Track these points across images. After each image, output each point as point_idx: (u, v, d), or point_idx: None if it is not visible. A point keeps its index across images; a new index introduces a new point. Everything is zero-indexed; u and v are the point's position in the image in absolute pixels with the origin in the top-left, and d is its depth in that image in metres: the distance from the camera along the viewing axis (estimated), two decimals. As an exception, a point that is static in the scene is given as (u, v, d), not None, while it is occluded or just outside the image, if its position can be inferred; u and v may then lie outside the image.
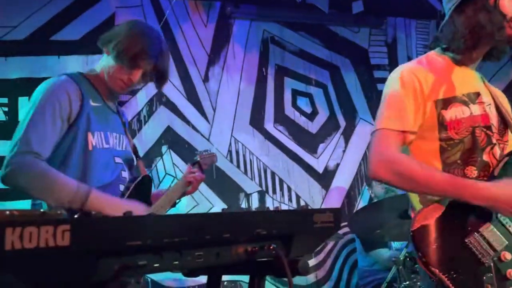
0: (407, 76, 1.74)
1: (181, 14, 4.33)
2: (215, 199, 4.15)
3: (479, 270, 1.56)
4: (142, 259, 0.89)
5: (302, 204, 4.65)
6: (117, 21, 3.96)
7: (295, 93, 4.65)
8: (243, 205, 4.26)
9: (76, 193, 1.75)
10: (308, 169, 4.55)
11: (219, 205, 4.13)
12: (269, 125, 4.49)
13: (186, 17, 4.36)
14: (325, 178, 4.59)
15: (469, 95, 1.76)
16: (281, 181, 4.44)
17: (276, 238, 1.12)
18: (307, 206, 1.28)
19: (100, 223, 0.83)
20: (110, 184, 1.94)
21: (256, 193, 4.34)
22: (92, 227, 0.81)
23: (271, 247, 1.08)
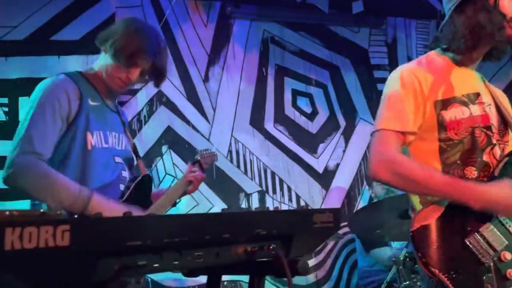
0: (407, 77, 1.74)
1: (181, 14, 4.33)
2: (215, 199, 4.15)
3: (479, 270, 1.56)
4: (142, 259, 0.89)
5: (302, 204, 4.63)
6: (117, 21, 3.96)
7: (295, 93, 4.65)
8: (243, 205, 4.26)
9: (78, 197, 1.74)
10: (308, 169, 4.55)
11: (219, 205, 4.13)
12: (269, 125, 4.49)
13: (186, 17, 4.35)
14: (325, 178, 4.59)
15: (469, 96, 1.75)
16: (281, 181, 4.44)
17: (276, 238, 1.12)
18: (307, 206, 1.28)
19: (100, 223, 0.83)
20: (110, 184, 1.93)
21: (256, 193, 4.34)
22: (92, 227, 0.81)
23: (271, 247, 1.08)
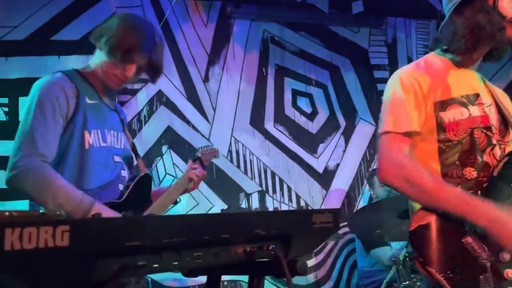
0: (407, 79, 1.74)
1: (181, 14, 4.33)
2: (215, 199, 4.15)
3: (476, 270, 1.55)
4: (141, 260, 0.89)
5: (302, 204, 4.61)
6: (117, 21, 3.96)
7: (295, 93, 4.65)
8: (243, 205, 4.26)
9: (79, 204, 1.72)
10: (308, 169, 4.55)
11: (219, 205, 4.13)
12: (269, 125, 4.49)
13: (186, 17, 4.35)
14: (325, 178, 4.59)
15: (468, 97, 1.76)
16: (281, 181, 4.43)
17: (275, 239, 1.12)
18: (307, 206, 1.28)
19: (99, 224, 0.83)
20: (109, 184, 1.91)
21: (256, 193, 4.34)
22: (91, 228, 0.81)
23: (270, 248, 1.08)
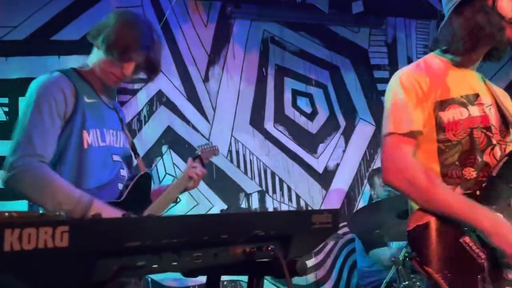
0: (407, 80, 1.74)
1: (181, 14, 4.33)
2: (215, 199, 4.15)
3: (474, 270, 1.55)
4: (141, 260, 0.89)
5: (302, 204, 4.60)
6: (117, 21, 3.96)
7: (295, 93, 4.65)
8: (243, 205, 4.26)
9: (78, 203, 1.71)
10: (308, 169, 4.55)
11: (219, 205, 4.14)
12: (269, 125, 4.49)
13: (186, 17, 4.35)
14: (325, 178, 4.59)
15: (468, 97, 1.76)
16: (281, 181, 4.44)
17: (274, 239, 1.12)
18: (307, 206, 1.28)
19: (99, 224, 0.83)
20: (109, 183, 1.89)
21: (256, 193, 4.34)
22: (91, 228, 0.81)
23: (269, 248, 1.08)
